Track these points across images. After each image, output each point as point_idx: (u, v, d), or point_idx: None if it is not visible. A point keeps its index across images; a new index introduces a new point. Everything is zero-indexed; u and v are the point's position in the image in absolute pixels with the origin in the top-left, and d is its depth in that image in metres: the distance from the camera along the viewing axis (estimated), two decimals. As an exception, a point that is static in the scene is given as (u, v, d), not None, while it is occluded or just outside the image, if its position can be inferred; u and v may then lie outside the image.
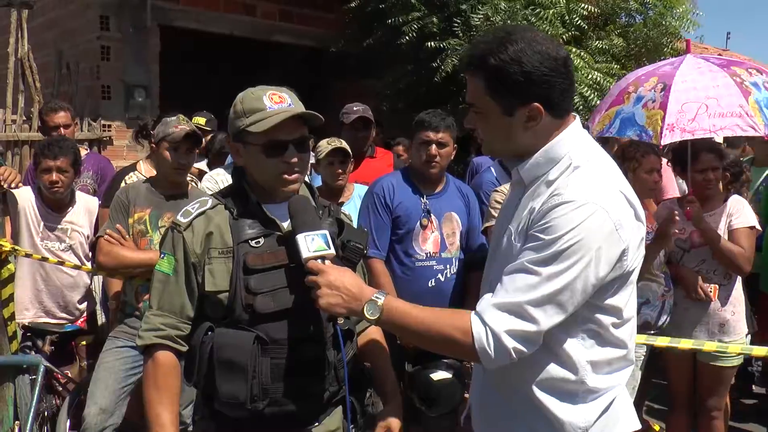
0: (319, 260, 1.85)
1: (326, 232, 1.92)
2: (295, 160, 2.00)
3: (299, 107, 2.03)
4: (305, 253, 1.85)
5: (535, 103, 1.75)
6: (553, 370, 1.77)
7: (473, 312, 1.74)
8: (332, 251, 1.90)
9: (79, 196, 4.19)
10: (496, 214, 3.41)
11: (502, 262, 1.82)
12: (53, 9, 8.54)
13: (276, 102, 1.99)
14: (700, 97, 3.46)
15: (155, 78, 7.69)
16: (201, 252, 1.98)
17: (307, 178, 4.84)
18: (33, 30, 8.54)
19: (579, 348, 1.77)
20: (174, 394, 1.98)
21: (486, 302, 1.73)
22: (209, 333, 1.96)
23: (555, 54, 1.76)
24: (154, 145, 3.54)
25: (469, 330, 1.70)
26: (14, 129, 6.93)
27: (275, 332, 1.94)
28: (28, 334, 4.04)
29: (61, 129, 4.72)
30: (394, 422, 2.12)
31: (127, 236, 3.44)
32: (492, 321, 1.69)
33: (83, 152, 4.93)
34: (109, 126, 7.49)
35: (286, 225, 2.02)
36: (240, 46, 9.00)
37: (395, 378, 2.21)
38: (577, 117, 1.91)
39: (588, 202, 1.68)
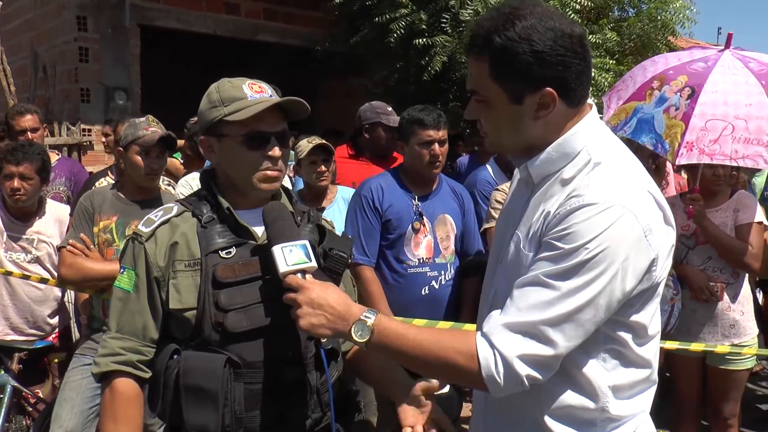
0: (298, 274, 1.64)
1: (306, 242, 1.71)
2: (278, 153, 1.81)
3: (277, 98, 1.86)
4: (282, 267, 1.64)
5: (548, 89, 1.51)
6: (570, 396, 1.54)
7: (479, 333, 1.51)
8: (313, 264, 1.68)
9: (50, 204, 3.93)
10: (496, 215, 3.19)
11: (509, 272, 1.59)
12: (29, 11, 8.28)
13: (256, 91, 1.82)
14: (728, 115, 3.19)
15: (136, 79, 7.44)
16: (165, 265, 1.78)
17: (289, 183, 4.67)
18: (9, 33, 8.29)
19: (599, 371, 1.54)
20: (135, 426, 1.78)
21: (494, 322, 1.50)
22: (175, 356, 1.76)
23: (570, 31, 1.53)
24: (120, 149, 3.28)
25: (474, 354, 1.48)
26: (-12, 134, 6.66)
27: (249, 354, 1.75)
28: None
29: (29, 133, 4.48)
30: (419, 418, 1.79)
31: (92, 246, 3.19)
32: (502, 344, 1.46)
33: (54, 157, 4.69)
34: (89, 130, 7.24)
35: (260, 232, 1.82)
36: (224, 46, 8.76)
37: (405, 372, 1.89)
38: (594, 106, 1.67)
39: (613, 204, 1.45)
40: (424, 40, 6.62)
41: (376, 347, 1.56)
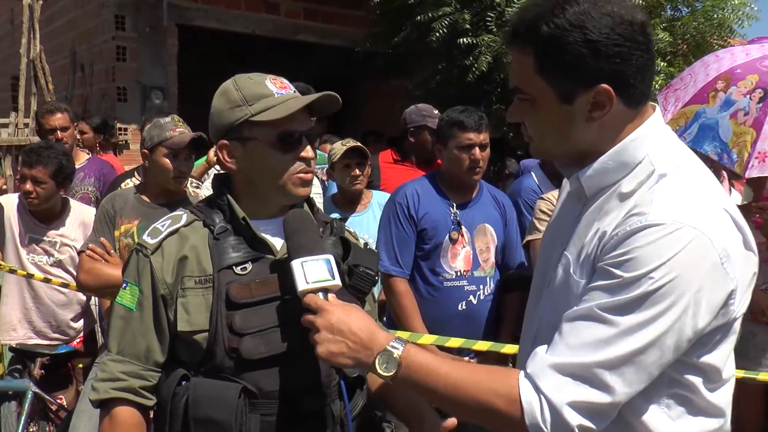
0: (320, 294, 1.46)
1: (330, 257, 1.51)
2: (311, 153, 1.65)
3: (299, 95, 1.67)
4: (302, 285, 1.45)
5: (603, 85, 1.29)
6: None
7: (522, 373, 1.29)
8: (337, 282, 1.49)
9: (74, 206, 3.80)
10: (541, 227, 2.94)
11: (557, 300, 1.38)
12: (71, 11, 8.29)
13: (280, 87, 1.64)
14: None
15: (173, 79, 7.37)
16: (172, 281, 1.59)
17: (320, 188, 4.48)
18: (51, 33, 8.32)
19: (662, 420, 1.31)
20: None
21: (540, 361, 1.28)
22: (183, 383, 1.57)
23: (630, 17, 1.30)
24: (146, 151, 3.12)
25: (516, 398, 1.26)
26: (26, 133, 6.65)
27: (267, 383, 1.56)
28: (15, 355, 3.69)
29: (58, 132, 4.37)
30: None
31: (112, 251, 3.03)
32: (549, 388, 1.24)
33: (84, 157, 4.58)
34: (125, 129, 7.18)
35: (279, 246, 1.64)
36: (263, 46, 8.64)
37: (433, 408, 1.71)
38: (658, 108, 1.43)
39: (683, 224, 1.23)
40: (468, 39, 6.37)
41: (403, 382, 1.36)
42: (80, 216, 3.78)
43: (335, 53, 8.85)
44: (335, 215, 3.88)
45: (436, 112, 4.26)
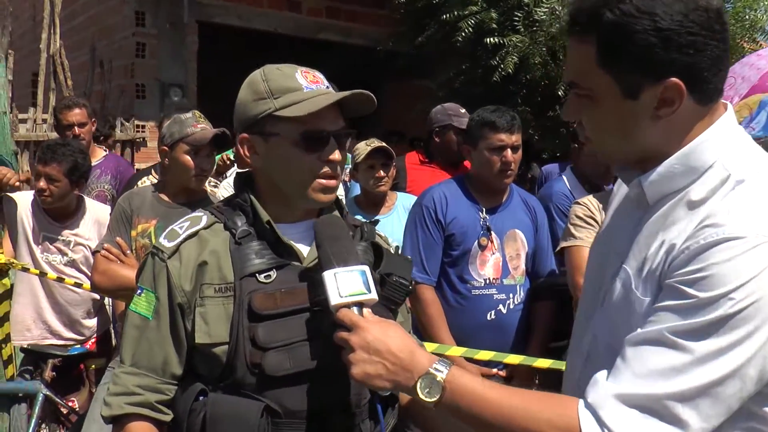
0: (354, 308, 1.33)
1: (365, 268, 1.39)
2: (338, 156, 1.50)
3: (333, 91, 1.54)
4: (335, 299, 1.33)
5: (674, 79, 1.15)
6: None
7: (582, 403, 1.15)
8: (373, 296, 1.36)
9: (89, 205, 3.69)
10: (577, 233, 2.78)
11: (615, 318, 1.24)
12: (93, 6, 8.22)
13: (311, 81, 1.51)
14: None
15: (192, 77, 7.27)
16: (191, 289, 1.47)
17: (342, 189, 4.34)
18: (72, 30, 8.26)
19: None
20: None
21: (603, 390, 1.13)
22: (201, 398, 1.46)
23: (705, 2, 1.16)
24: (165, 148, 3.00)
25: (576, 430, 1.11)
26: (45, 129, 6.60)
27: (292, 401, 1.44)
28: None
29: (76, 128, 4.27)
30: None
31: (128, 251, 2.91)
32: (614, 421, 1.10)
33: (101, 154, 4.48)
34: (143, 126, 7.09)
35: (306, 252, 1.52)
36: (284, 44, 8.53)
37: None
38: (730, 106, 1.28)
39: (767, 238, 1.08)
40: (495, 39, 6.21)
41: (447, 408, 1.23)
42: (95, 215, 3.67)
43: (357, 52, 8.72)
44: (359, 218, 3.79)
45: (463, 111, 4.11)
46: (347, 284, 1.34)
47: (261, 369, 1.41)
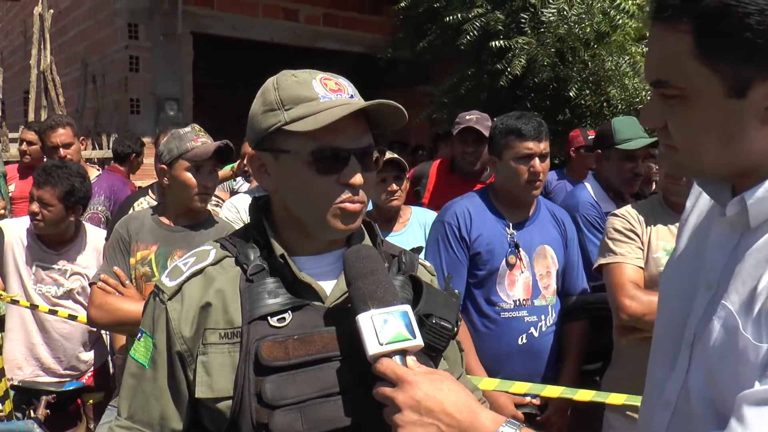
0: (396, 356, 1.11)
1: (407, 308, 1.16)
2: (359, 180, 1.26)
3: (361, 99, 1.31)
4: (373, 348, 1.11)
5: None
6: None
7: None
8: (418, 342, 1.14)
9: (89, 230, 3.44)
10: (617, 248, 2.54)
11: (717, 365, 1.03)
12: (84, 20, 8.00)
13: (332, 89, 1.28)
14: None
15: (188, 90, 7.03)
16: (191, 335, 1.27)
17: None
18: (64, 44, 8.03)
19: None
20: None
21: None
22: None
23: None
24: (164, 166, 2.77)
25: None
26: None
27: None
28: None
29: (61, 149, 4.02)
30: None
31: (127, 282, 2.68)
32: None
33: (93, 173, 4.24)
34: (139, 143, 6.83)
35: (329, 288, 1.29)
36: (281, 54, 8.33)
37: None
38: None
39: None
40: (501, 42, 5.99)
41: None
42: (93, 241, 3.42)
43: (356, 60, 8.51)
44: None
45: (469, 117, 3.88)
46: (387, 329, 1.12)
47: (268, 430, 1.18)
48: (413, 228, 3.40)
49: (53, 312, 3.24)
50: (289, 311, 1.24)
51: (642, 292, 2.44)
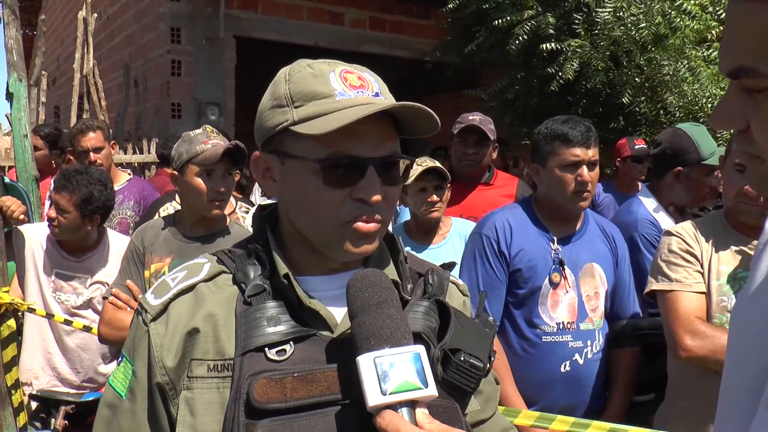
0: (403, 409, 0.91)
1: (420, 350, 0.95)
2: (376, 197, 1.05)
3: (390, 99, 1.11)
4: (374, 398, 0.91)
5: None
6: None
7: None
8: (430, 392, 0.93)
9: (112, 237, 3.30)
10: (673, 273, 2.25)
11: None
12: (129, 26, 8.01)
13: (352, 85, 1.08)
14: None
15: (230, 94, 6.95)
16: (174, 365, 1.07)
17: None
18: (112, 50, 8.05)
19: None
20: None
21: None
22: None
23: None
24: (175, 172, 2.61)
25: None
26: (78, 152, 6.32)
27: None
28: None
29: (91, 153, 3.91)
30: None
31: (140, 296, 2.51)
32: None
33: (124, 178, 4.12)
34: (179, 148, 6.78)
35: (341, 315, 1.08)
36: (326, 58, 8.22)
37: None
38: None
39: None
40: (552, 44, 5.71)
41: None
42: (117, 248, 3.27)
43: (402, 65, 8.32)
44: (407, 249, 3.33)
45: (471, 117, 3.62)
46: (393, 375, 0.91)
47: None
48: (453, 241, 3.19)
49: (68, 322, 3.11)
50: (291, 342, 1.03)
51: (706, 328, 2.14)
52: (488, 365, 1.10)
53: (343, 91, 1.05)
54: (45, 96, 6.15)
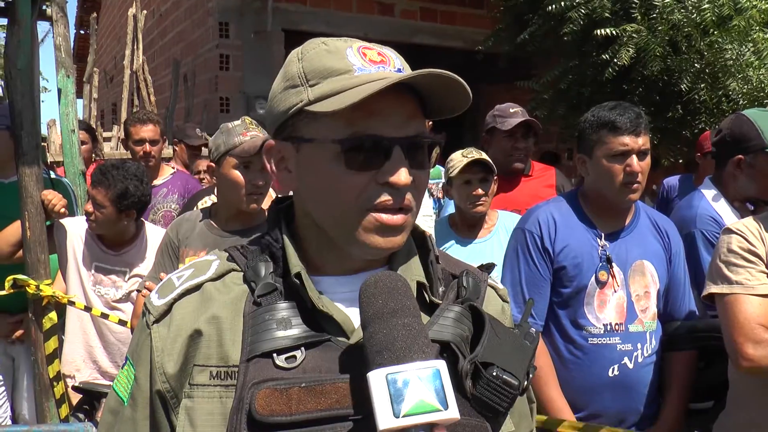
0: None
1: (440, 365, 0.84)
2: (404, 178, 0.94)
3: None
4: (385, 421, 0.81)
5: None
6: None
7: None
8: (451, 414, 0.82)
9: (149, 231, 3.29)
10: (733, 275, 2.06)
11: None
12: (180, 22, 8.09)
13: (372, 60, 0.98)
14: None
15: (278, 88, 6.92)
16: (175, 372, 0.98)
17: (429, 208, 3.77)
18: (164, 47, 8.14)
19: None
20: None
21: None
22: None
23: None
24: (212, 164, 2.57)
25: None
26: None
27: None
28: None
29: (147, 145, 3.94)
30: None
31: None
32: None
33: (168, 171, 4.14)
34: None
35: (358, 321, 0.94)
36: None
37: None
38: None
39: None
40: (608, 30, 5.48)
41: None
42: (156, 242, 3.26)
43: (454, 56, 8.19)
44: (451, 243, 3.23)
45: (514, 110, 3.48)
46: (409, 394, 0.81)
47: None
48: (499, 235, 3.11)
49: (104, 316, 3.12)
50: (302, 348, 0.94)
51: None
52: (525, 383, 0.98)
53: (363, 66, 0.96)
54: (97, 92, 6.24)
